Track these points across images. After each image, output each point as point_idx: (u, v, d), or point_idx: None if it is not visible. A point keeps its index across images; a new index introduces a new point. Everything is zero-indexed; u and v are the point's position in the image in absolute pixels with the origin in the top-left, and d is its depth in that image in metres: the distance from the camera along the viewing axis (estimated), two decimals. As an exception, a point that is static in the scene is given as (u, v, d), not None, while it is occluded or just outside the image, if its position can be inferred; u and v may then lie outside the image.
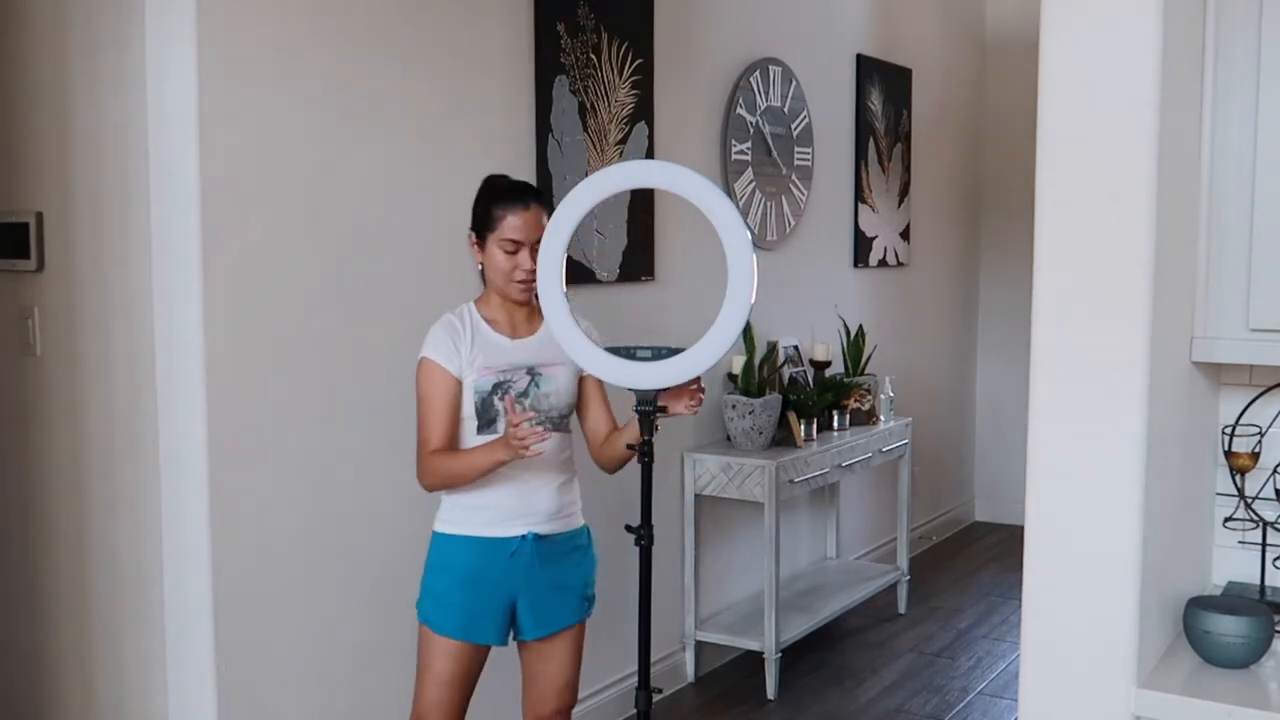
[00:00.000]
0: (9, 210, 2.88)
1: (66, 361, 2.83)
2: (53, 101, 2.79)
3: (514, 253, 2.53)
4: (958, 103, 6.24)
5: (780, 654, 4.08)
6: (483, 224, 2.54)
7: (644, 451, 2.75)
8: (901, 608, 5.01)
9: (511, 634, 2.60)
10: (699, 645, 4.20)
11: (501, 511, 2.53)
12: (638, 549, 2.80)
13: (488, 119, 3.27)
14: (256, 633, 2.72)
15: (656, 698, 2.89)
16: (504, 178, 2.62)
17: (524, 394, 2.54)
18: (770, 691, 4.06)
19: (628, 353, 2.77)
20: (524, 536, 2.53)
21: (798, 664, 4.36)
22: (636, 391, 2.75)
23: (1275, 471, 2.10)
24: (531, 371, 2.57)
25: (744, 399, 4.10)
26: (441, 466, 2.49)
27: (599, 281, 3.67)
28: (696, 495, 4.13)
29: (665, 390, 2.51)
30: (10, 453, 2.97)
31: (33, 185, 2.85)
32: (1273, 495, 2.10)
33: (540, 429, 2.36)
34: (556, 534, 2.58)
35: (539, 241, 2.45)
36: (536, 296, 2.53)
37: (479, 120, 3.25)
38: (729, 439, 4.21)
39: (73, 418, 2.83)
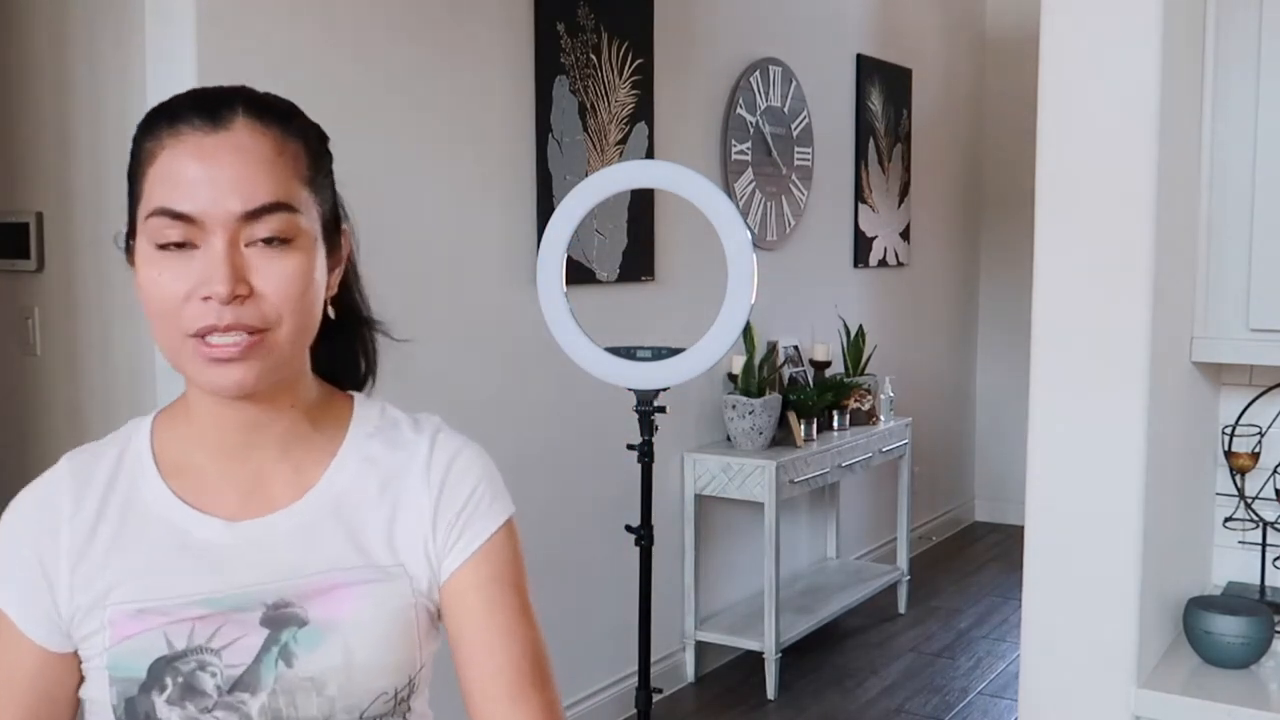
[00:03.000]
0: (9, 210, 2.88)
1: (66, 361, 2.83)
2: (53, 101, 2.79)
3: (176, 247, 1.02)
4: (958, 102, 6.24)
5: (780, 654, 4.08)
6: (130, 206, 1.08)
7: (644, 451, 2.76)
8: (901, 608, 5.01)
9: None
10: (699, 645, 4.20)
11: None
12: (638, 549, 2.81)
13: (488, 119, 3.27)
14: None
15: (656, 698, 2.89)
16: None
17: (242, 685, 1.02)
18: (770, 691, 4.06)
19: (628, 353, 2.78)
20: None
21: (798, 664, 4.36)
22: (637, 392, 2.76)
23: (1275, 471, 2.10)
24: (276, 615, 1.03)
25: (744, 399, 4.10)
26: None
27: (599, 281, 3.67)
28: (696, 495, 4.13)
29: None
30: (10, 453, 2.97)
31: (33, 185, 2.85)
32: (1273, 495, 2.10)
33: None
34: None
35: (279, 226, 1.04)
36: (352, 384, 1.22)
37: (479, 120, 3.24)
38: (729, 439, 4.21)
39: (73, 418, 2.83)
